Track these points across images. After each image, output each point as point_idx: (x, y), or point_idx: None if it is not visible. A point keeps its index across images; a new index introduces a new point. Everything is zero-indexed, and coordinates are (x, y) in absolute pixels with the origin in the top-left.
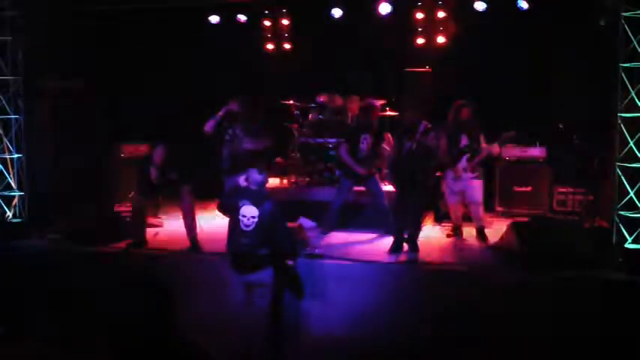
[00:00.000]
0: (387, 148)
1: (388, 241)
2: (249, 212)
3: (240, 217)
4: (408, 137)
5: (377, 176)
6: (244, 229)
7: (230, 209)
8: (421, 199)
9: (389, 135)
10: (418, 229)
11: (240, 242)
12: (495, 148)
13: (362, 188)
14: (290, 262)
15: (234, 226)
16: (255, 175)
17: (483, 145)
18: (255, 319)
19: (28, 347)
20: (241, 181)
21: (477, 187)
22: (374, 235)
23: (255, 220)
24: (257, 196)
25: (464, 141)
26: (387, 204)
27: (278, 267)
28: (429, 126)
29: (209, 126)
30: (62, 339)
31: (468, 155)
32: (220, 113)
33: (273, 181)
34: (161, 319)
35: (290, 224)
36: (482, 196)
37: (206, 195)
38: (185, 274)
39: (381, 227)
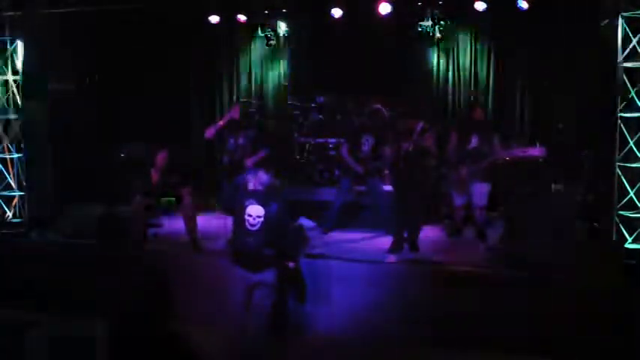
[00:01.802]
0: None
1: (388, 241)
2: (255, 212)
3: (246, 217)
4: (405, 138)
5: (378, 177)
6: (249, 228)
7: (234, 207)
8: (420, 199)
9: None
10: (418, 229)
11: (245, 242)
12: (503, 154)
13: (362, 188)
14: (292, 264)
15: (239, 225)
16: (263, 175)
17: (495, 148)
18: (257, 319)
19: None
20: (250, 185)
21: (483, 190)
22: (374, 235)
23: (261, 219)
24: (264, 196)
25: (474, 141)
26: (387, 204)
27: (282, 268)
28: (426, 126)
29: (209, 133)
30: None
31: (474, 157)
32: (221, 123)
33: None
34: (160, 317)
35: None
36: (487, 199)
37: (206, 196)
38: (185, 274)
39: (381, 227)
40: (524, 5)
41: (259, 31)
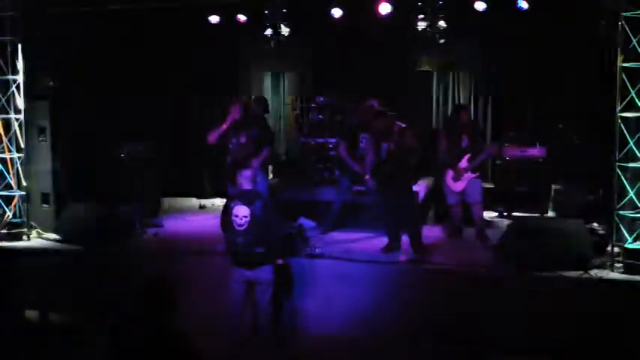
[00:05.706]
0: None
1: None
2: (241, 212)
3: (233, 218)
4: (384, 139)
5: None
6: (238, 228)
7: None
8: (410, 199)
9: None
10: (417, 228)
11: (236, 242)
12: (495, 149)
13: (362, 188)
14: (281, 261)
15: (229, 226)
16: (246, 172)
17: (484, 145)
18: (255, 316)
19: None
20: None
21: (477, 188)
22: (374, 235)
23: (248, 219)
24: (248, 196)
25: (465, 141)
26: None
27: (273, 265)
28: (403, 126)
29: (212, 137)
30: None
31: (469, 155)
32: (224, 126)
33: (273, 181)
34: (160, 317)
35: (288, 224)
36: (482, 197)
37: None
38: (185, 274)
39: (381, 227)
40: (524, 5)
41: (259, 32)
